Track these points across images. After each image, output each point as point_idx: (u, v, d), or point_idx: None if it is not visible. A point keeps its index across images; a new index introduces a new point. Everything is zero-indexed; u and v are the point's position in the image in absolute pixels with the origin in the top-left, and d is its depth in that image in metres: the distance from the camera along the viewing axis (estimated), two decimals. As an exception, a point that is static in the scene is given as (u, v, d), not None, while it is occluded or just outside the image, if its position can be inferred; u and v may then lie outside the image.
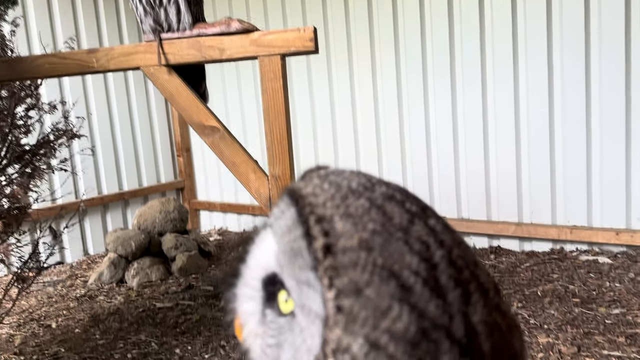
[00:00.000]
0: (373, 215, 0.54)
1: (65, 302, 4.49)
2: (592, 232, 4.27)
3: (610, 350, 2.94)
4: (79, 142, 5.25)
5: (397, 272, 0.49)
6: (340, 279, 0.50)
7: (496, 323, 0.53)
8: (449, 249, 0.54)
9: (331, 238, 0.53)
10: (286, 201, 0.63)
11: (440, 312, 0.48)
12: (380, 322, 0.47)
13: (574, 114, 4.29)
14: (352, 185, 0.61)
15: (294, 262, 0.55)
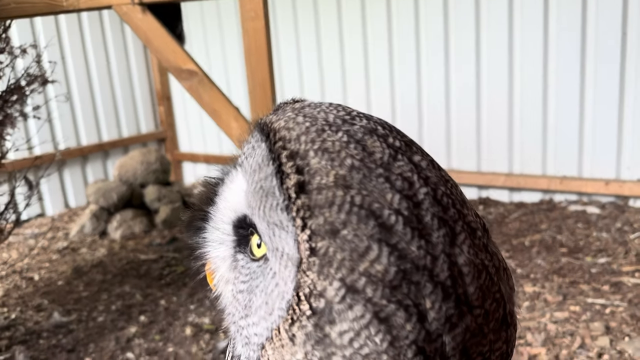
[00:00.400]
0: (352, 150, 0.50)
1: (47, 255, 4.40)
2: (581, 183, 4.24)
3: (595, 297, 2.95)
4: (54, 88, 5.02)
5: (377, 211, 0.46)
6: (315, 220, 0.46)
7: (483, 264, 0.50)
8: (434, 187, 0.50)
9: (305, 175, 0.49)
10: (257, 136, 0.57)
11: (423, 253, 0.46)
12: (358, 264, 0.45)
13: (568, 64, 4.16)
14: (329, 118, 0.55)
15: (265, 203, 0.51)
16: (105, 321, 3.23)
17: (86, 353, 2.91)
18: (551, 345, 2.58)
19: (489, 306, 0.50)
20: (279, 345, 0.49)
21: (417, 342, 0.45)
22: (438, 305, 0.46)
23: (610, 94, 4.05)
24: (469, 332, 0.48)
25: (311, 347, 0.46)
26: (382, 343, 0.45)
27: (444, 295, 0.46)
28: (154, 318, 3.23)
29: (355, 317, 0.45)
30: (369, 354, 0.45)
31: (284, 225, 0.49)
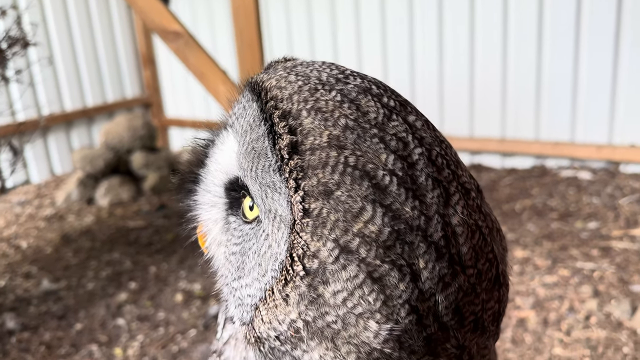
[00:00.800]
0: (345, 110, 0.49)
1: (34, 222, 4.35)
2: (574, 148, 4.23)
3: (584, 262, 2.98)
4: (36, 52, 4.85)
5: (371, 172, 0.46)
6: (308, 181, 0.46)
7: (477, 225, 0.50)
8: (429, 147, 0.49)
9: (298, 136, 0.48)
10: (247, 96, 0.55)
11: (417, 214, 0.46)
12: (352, 225, 0.45)
13: (562, 29, 4.08)
14: (322, 77, 0.53)
15: (257, 164, 0.51)
16: (95, 288, 3.21)
17: (77, 319, 2.89)
18: (540, 308, 2.61)
19: (481, 266, 0.50)
20: (272, 305, 0.49)
21: (410, 301, 0.46)
22: (431, 265, 0.46)
23: (605, 59, 4.00)
24: (461, 291, 0.48)
25: (305, 307, 0.47)
26: (376, 302, 0.45)
27: (438, 255, 0.46)
28: (144, 285, 3.21)
29: (349, 277, 0.45)
30: (362, 313, 0.45)
31: (276, 187, 0.49)
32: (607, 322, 2.44)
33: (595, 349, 2.29)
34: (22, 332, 2.78)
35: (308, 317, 0.47)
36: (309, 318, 0.47)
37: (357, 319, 0.46)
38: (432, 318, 0.47)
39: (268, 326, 0.50)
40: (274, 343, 0.51)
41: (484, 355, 0.57)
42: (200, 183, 0.65)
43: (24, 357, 2.59)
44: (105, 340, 2.71)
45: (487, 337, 0.55)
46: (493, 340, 0.59)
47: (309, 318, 0.47)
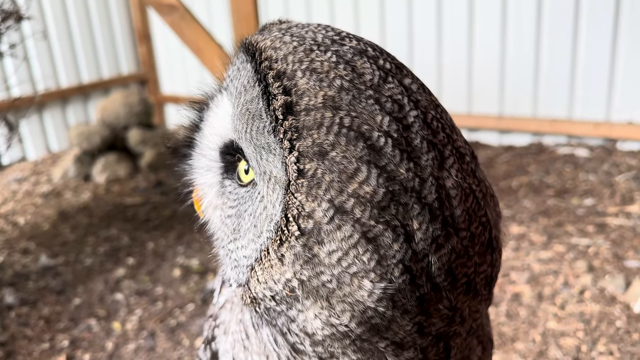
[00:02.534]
0: (341, 71, 0.49)
1: (32, 199, 4.34)
2: (571, 125, 4.22)
3: (579, 238, 3.00)
4: (30, 26, 4.78)
5: (366, 133, 0.46)
6: (303, 141, 0.46)
7: (471, 189, 0.50)
8: (424, 110, 0.49)
9: (292, 96, 0.48)
10: (241, 57, 0.55)
11: (412, 175, 0.46)
12: (347, 185, 0.45)
13: (562, 5, 4.03)
14: (317, 38, 0.52)
15: (252, 126, 0.51)
16: (93, 264, 3.23)
17: (75, 294, 2.92)
18: (534, 283, 2.64)
19: (474, 229, 0.51)
20: (267, 265, 0.50)
21: (403, 262, 0.46)
22: (425, 227, 0.47)
23: (603, 37, 3.96)
24: (454, 253, 0.49)
25: (300, 266, 0.47)
26: (370, 262, 0.46)
27: (431, 216, 0.47)
28: (142, 260, 3.23)
29: (344, 237, 0.45)
30: (356, 272, 0.46)
31: (271, 148, 0.49)
32: (601, 297, 2.47)
33: (588, 323, 2.32)
34: (21, 307, 2.80)
35: (303, 277, 0.48)
36: (304, 277, 0.48)
37: (351, 278, 0.47)
38: (425, 278, 0.48)
39: (264, 286, 0.51)
40: (270, 303, 0.52)
41: (475, 318, 0.57)
42: (196, 147, 0.65)
43: (23, 331, 2.62)
44: (103, 314, 2.74)
45: (480, 300, 0.56)
46: (485, 305, 0.59)
47: (304, 277, 0.48)
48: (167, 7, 2.35)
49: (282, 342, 0.56)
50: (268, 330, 0.58)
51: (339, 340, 0.50)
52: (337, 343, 0.51)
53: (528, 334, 2.31)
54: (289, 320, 0.52)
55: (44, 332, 2.60)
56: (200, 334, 2.53)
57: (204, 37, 2.35)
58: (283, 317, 0.52)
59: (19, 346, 2.51)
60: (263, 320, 0.56)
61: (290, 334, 0.53)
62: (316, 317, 0.50)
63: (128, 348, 2.48)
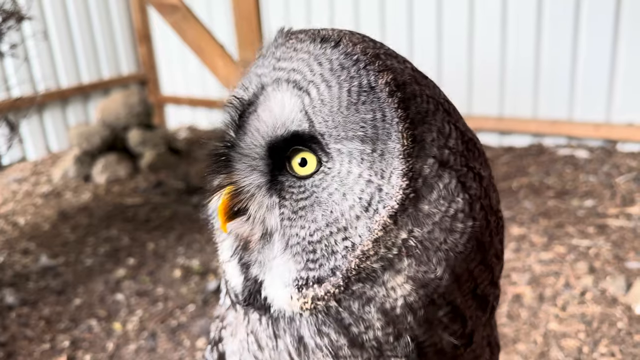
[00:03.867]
0: (401, 57, 0.60)
1: (32, 199, 4.34)
2: (571, 126, 4.23)
3: (580, 239, 3.00)
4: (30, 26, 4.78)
5: (439, 100, 0.57)
6: (410, 110, 0.54)
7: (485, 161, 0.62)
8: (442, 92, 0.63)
9: (394, 73, 0.55)
10: (312, 47, 0.58)
11: (467, 128, 0.59)
12: (442, 141, 0.54)
13: (562, 7, 4.04)
14: (359, 33, 0.61)
15: (356, 102, 0.55)
16: (94, 264, 3.22)
17: (75, 295, 2.91)
18: (536, 284, 2.64)
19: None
20: (382, 234, 0.54)
21: (480, 199, 0.55)
22: (484, 168, 0.57)
23: (604, 38, 3.97)
24: (495, 197, 0.60)
25: (412, 224, 0.53)
26: (463, 202, 0.54)
27: (484, 160, 0.59)
28: (143, 261, 3.23)
29: (445, 184, 0.54)
30: (453, 214, 0.53)
31: (386, 119, 0.54)
32: (602, 298, 2.47)
33: (590, 324, 2.32)
34: (22, 307, 2.80)
35: (415, 233, 0.53)
36: (416, 233, 0.53)
37: (450, 222, 0.53)
38: (493, 218, 0.57)
39: (373, 259, 0.54)
40: (355, 286, 0.54)
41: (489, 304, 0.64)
42: (236, 148, 0.62)
43: (24, 331, 2.61)
44: (104, 315, 2.73)
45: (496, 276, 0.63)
46: (494, 299, 0.65)
47: (416, 233, 0.53)
48: (169, 8, 2.35)
49: (326, 344, 0.57)
50: (290, 339, 0.59)
51: (412, 312, 0.54)
52: (410, 315, 0.54)
53: (529, 335, 2.31)
54: (365, 302, 0.54)
55: (45, 333, 2.60)
56: (201, 334, 2.53)
57: (205, 37, 2.35)
58: (359, 301, 0.55)
59: (20, 346, 2.50)
60: (316, 321, 0.57)
61: (358, 324, 0.55)
62: (407, 280, 0.53)
63: (129, 348, 2.47)
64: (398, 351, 0.56)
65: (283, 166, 0.60)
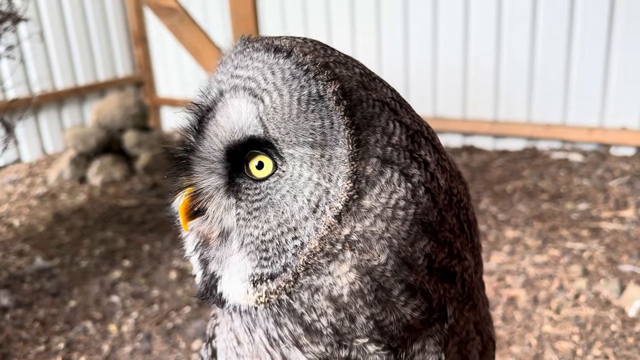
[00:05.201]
0: (351, 62, 0.62)
1: (26, 201, 4.32)
2: (565, 130, 4.26)
3: (574, 242, 3.02)
4: (26, 28, 4.77)
5: (385, 101, 0.60)
6: (356, 117, 0.57)
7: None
8: (393, 89, 0.66)
9: (341, 82, 0.58)
10: (265, 57, 0.60)
11: (414, 122, 0.62)
12: (386, 139, 0.57)
13: (556, 11, 4.08)
14: (316, 43, 0.63)
15: (307, 112, 0.58)
16: (89, 266, 3.22)
17: (71, 297, 2.90)
18: (530, 287, 2.66)
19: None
20: (327, 232, 0.57)
21: (425, 183, 0.58)
22: (431, 156, 0.60)
23: (597, 42, 4.01)
24: (447, 173, 0.62)
25: (354, 220, 0.56)
26: (405, 190, 0.57)
27: (434, 149, 0.61)
28: (138, 262, 3.22)
29: (387, 180, 0.56)
30: (395, 203, 0.56)
31: (334, 126, 0.57)
32: (596, 301, 2.49)
33: (584, 327, 2.34)
34: (16, 309, 2.79)
35: (357, 228, 0.56)
36: (358, 228, 0.56)
37: (392, 211, 0.56)
38: (442, 196, 0.59)
39: (320, 255, 0.57)
40: (303, 279, 0.58)
41: (468, 281, 0.66)
42: (195, 152, 0.65)
43: (19, 333, 2.60)
44: (99, 317, 2.73)
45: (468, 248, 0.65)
46: (478, 280, 0.70)
47: (359, 228, 0.56)
48: (166, 10, 2.36)
49: (286, 334, 0.60)
50: (261, 330, 0.62)
51: (361, 297, 0.57)
52: (360, 300, 0.57)
53: (524, 337, 2.33)
54: (314, 292, 0.57)
55: (40, 335, 2.59)
56: (197, 336, 2.53)
57: (202, 39, 2.36)
58: (308, 291, 0.58)
59: (15, 348, 2.50)
60: (272, 314, 0.60)
61: (310, 312, 0.58)
62: (351, 269, 0.56)
63: (124, 351, 2.47)
64: (357, 332, 0.59)
65: (241, 169, 0.63)
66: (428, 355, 0.62)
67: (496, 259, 2.93)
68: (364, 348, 0.60)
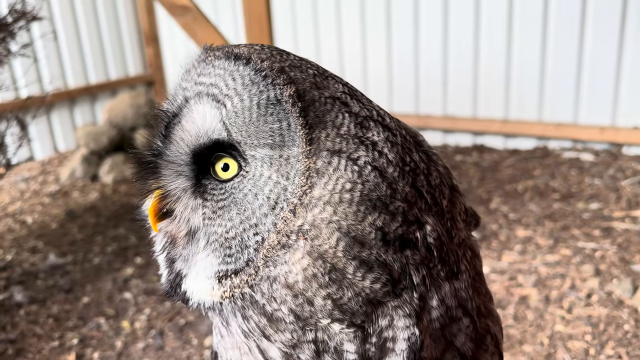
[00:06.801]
0: (305, 64, 0.66)
1: (39, 198, 4.37)
2: (576, 129, 4.24)
3: (586, 242, 3.01)
4: (39, 27, 4.82)
5: (336, 95, 0.64)
6: (309, 116, 0.61)
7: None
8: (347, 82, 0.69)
9: (296, 85, 0.61)
10: (226, 64, 0.64)
11: (364, 107, 0.65)
12: (334, 132, 0.61)
13: (568, 10, 4.06)
14: (271, 48, 0.67)
15: (265, 115, 0.61)
16: (101, 263, 3.25)
17: (84, 293, 2.93)
18: (541, 286, 2.65)
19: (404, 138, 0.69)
20: (284, 226, 0.60)
21: (371, 162, 0.60)
22: (378, 134, 0.62)
23: (609, 40, 3.98)
24: (398, 146, 0.64)
25: (305, 211, 0.59)
26: (351, 172, 0.59)
27: (383, 126, 0.64)
28: (150, 260, 3.25)
29: (335, 168, 0.59)
30: (342, 187, 0.59)
31: (291, 128, 0.61)
32: (608, 301, 2.48)
33: (596, 326, 2.33)
34: (30, 305, 2.82)
35: (309, 217, 0.59)
36: (309, 217, 0.59)
37: (339, 196, 0.59)
38: (392, 169, 0.62)
39: (277, 248, 0.60)
40: (263, 271, 0.61)
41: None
42: (163, 155, 0.68)
43: (33, 329, 2.63)
44: (112, 313, 2.75)
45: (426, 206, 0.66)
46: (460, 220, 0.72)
47: (310, 217, 0.59)
48: (180, 9, 2.38)
49: (253, 327, 0.63)
50: (235, 324, 0.65)
51: (315, 280, 0.59)
52: (315, 283, 0.59)
53: (536, 336, 2.32)
54: (272, 281, 0.60)
55: (54, 330, 2.62)
56: (209, 333, 2.54)
57: (216, 38, 2.37)
58: (267, 282, 0.60)
59: (29, 344, 2.53)
60: (238, 307, 0.63)
61: (271, 302, 0.61)
62: (304, 256, 0.59)
63: (137, 347, 2.49)
64: (318, 315, 0.61)
65: (207, 171, 0.66)
66: (398, 331, 0.62)
67: (507, 258, 2.93)
68: (329, 328, 0.62)
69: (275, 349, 0.65)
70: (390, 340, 0.63)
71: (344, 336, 0.62)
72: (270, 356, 0.66)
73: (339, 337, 0.62)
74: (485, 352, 0.73)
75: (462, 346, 0.69)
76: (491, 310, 0.79)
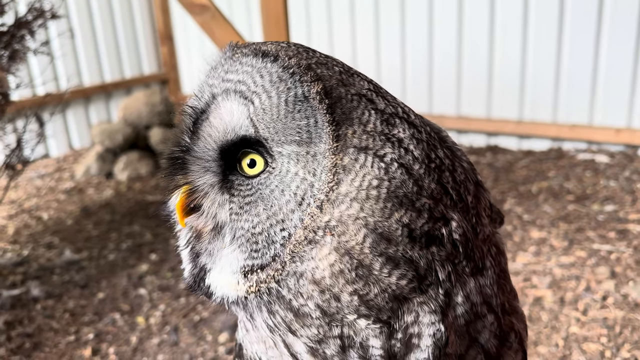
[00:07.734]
0: (332, 62, 0.67)
1: (55, 195, 4.42)
2: (591, 130, 4.20)
3: (601, 244, 2.99)
4: (56, 26, 4.88)
5: (362, 92, 0.64)
6: (336, 113, 0.61)
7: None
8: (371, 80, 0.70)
9: (323, 82, 0.62)
10: (253, 62, 0.65)
11: (389, 104, 0.65)
12: (362, 129, 0.61)
13: (584, 10, 4.03)
14: (298, 45, 0.68)
15: (292, 111, 0.62)
16: (117, 259, 3.28)
17: (99, 289, 2.97)
18: (556, 288, 2.64)
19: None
20: (311, 221, 0.60)
21: (398, 159, 0.61)
22: (407, 131, 0.63)
23: (626, 41, 3.95)
24: (424, 143, 0.65)
25: (332, 207, 0.60)
26: (378, 169, 0.60)
27: (408, 123, 0.64)
28: (165, 256, 3.28)
29: (362, 164, 0.60)
30: (369, 184, 0.59)
31: (318, 125, 0.62)
32: (624, 303, 2.46)
33: (612, 329, 2.32)
34: (47, 300, 2.86)
35: (336, 213, 0.60)
36: (336, 214, 0.60)
37: (366, 193, 0.59)
38: (418, 166, 0.62)
39: (304, 244, 0.61)
40: (290, 267, 0.61)
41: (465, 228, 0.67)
42: (191, 152, 0.69)
43: (49, 323, 2.67)
44: (127, 309, 2.78)
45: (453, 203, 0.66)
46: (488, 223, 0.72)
47: (337, 214, 0.60)
48: (198, 7, 2.40)
49: (279, 322, 0.64)
50: (260, 318, 0.66)
51: (342, 276, 0.60)
52: (341, 279, 0.60)
53: (550, 338, 2.31)
54: (299, 277, 0.61)
55: (70, 325, 2.66)
56: (223, 329, 2.56)
57: (234, 37, 2.39)
58: (294, 278, 0.61)
59: (45, 338, 2.56)
60: (264, 302, 0.64)
61: (297, 297, 0.62)
62: (331, 252, 0.60)
63: (152, 342, 2.52)
64: (344, 310, 0.61)
65: (234, 167, 0.67)
66: (424, 327, 0.62)
67: (522, 259, 2.91)
68: (355, 324, 0.62)
69: (301, 344, 0.65)
70: (416, 336, 0.63)
71: (370, 332, 0.62)
72: (295, 350, 0.66)
73: (365, 332, 0.63)
74: (509, 350, 0.73)
75: (486, 343, 0.69)
76: (515, 308, 0.79)
